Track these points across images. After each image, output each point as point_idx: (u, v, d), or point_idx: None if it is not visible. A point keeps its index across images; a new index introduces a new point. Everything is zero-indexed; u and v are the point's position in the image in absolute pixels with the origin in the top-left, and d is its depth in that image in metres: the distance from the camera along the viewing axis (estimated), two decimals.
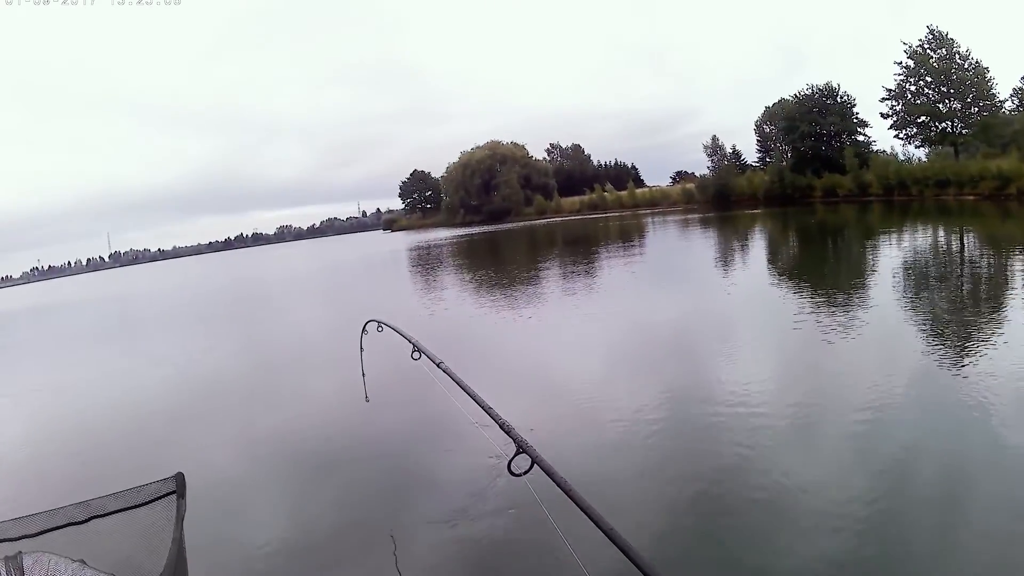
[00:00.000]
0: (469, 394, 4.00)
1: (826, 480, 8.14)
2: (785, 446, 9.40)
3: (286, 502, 9.73)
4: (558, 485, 2.83)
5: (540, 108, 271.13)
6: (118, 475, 10.98)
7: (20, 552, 3.36)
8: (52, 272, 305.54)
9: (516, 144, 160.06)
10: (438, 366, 4.79)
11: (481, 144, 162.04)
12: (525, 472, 2.99)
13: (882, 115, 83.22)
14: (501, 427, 3.31)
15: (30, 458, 13.52)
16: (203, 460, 11.64)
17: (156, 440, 13.67)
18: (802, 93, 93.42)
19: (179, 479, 3.64)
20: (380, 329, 7.23)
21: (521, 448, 3.11)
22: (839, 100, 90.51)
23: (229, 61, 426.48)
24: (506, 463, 3.13)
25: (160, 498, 3.60)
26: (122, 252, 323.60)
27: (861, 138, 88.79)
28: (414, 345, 5.56)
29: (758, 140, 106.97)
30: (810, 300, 19.58)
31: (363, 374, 9.18)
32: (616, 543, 2.48)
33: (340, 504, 9.45)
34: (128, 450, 13.27)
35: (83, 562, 3.44)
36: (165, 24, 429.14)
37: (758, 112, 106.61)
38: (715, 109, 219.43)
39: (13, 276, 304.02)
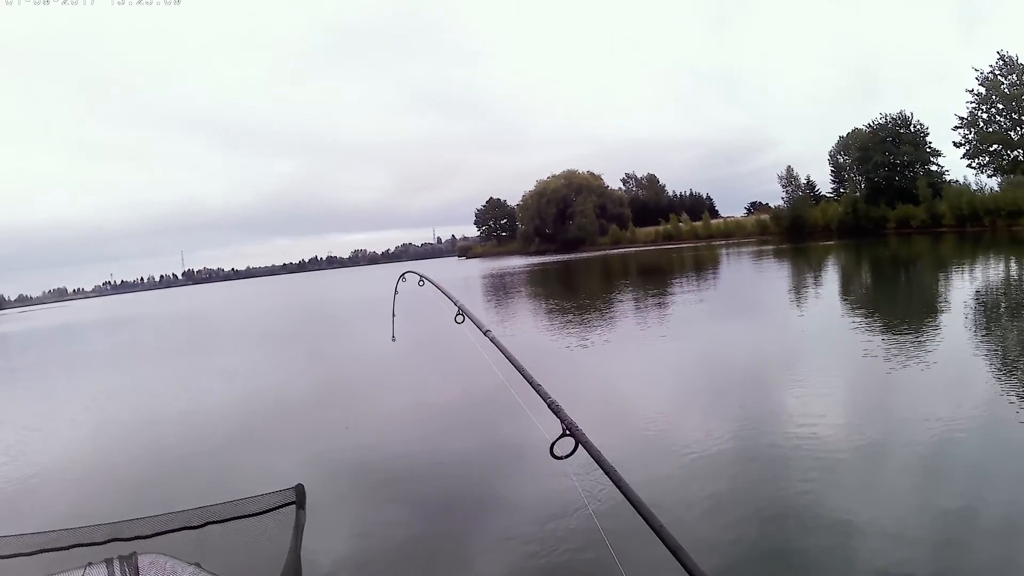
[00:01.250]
0: (516, 367, 3.91)
1: (889, 518, 7.95)
2: (850, 481, 9.25)
3: (377, 510, 9.99)
4: (604, 470, 2.74)
5: (616, 137, 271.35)
6: (223, 482, 11.68)
7: (135, 552, 3.47)
8: (124, 287, 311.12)
9: (592, 173, 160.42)
10: (485, 334, 4.65)
11: (557, 173, 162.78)
12: (568, 455, 2.92)
13: (955, 144, 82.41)
14: (549, 406, 3.19)
15: (137, 463, 13.91)
16: (301, 471, 11.63)
17: (259, 450, 14.08)
18: (875, 122, 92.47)
19: (299, 490, 3.71)
20: (421, 283, 6.94)
21: (568, 430, 2.98)
22: (912, 129, 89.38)
23: (311, 85, 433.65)
24: (549, 446, 2.99)
25: (278, 508, 3.69)
26: (195, 270, 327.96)
27: (934, 168, 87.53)
28: (458, 308, 5.24)
29: (832, 170, 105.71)
30: (881, 333, 19.35)
31: (392, 314, 9.24)
32: (665, 542, 2.43)
33: (410, 513, 9.67)
34: (235, 459, 13.65)
35: (198, 565, 3.55)
36: (249, 47, 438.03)
37: (832, 142, 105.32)
38: (790, 139, 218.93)
39: (85, 289, 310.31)
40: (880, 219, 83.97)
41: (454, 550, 8.54)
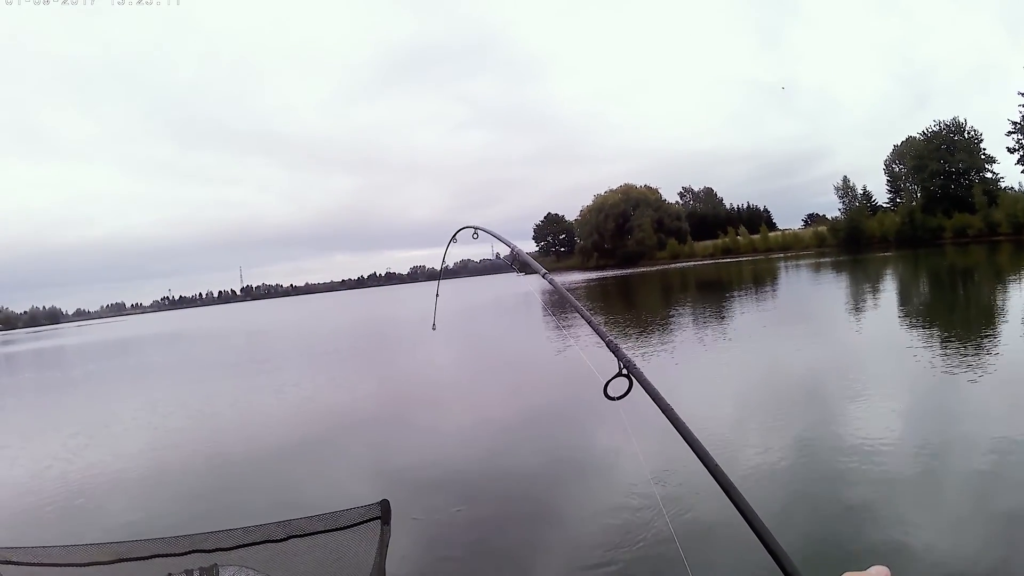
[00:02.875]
0: (578, 311, 3.86)
1: (946, 535, 7.85)
2: (907, 498, 9.05)
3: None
4: (660, 408, 2.68)
5: (672, 151, 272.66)
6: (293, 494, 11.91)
7: (216, 564, 3.43)
8: (182, 302, 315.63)
9: (649, 187, 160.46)
10: (543, 276, 4.74)
11: (614, 187, 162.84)
12: (622, 396, 2.85)
13: (1008, 149, 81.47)
14: (608, 345, 3.08)
15: (212, 477, 14.08)
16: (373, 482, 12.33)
17: (331, 463, 14.14)
18: (930, 130, 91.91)
19: (384, 506, 3.59)
20: (476, 235, 6.37)
21: (625, 368, 2.89)
22: (966, 136, 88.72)
23: (375, 104, 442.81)
24: (603, 386, 2.87)
25: (363, 523, 3.58)
26: (254, 286, 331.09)
27: (989, 175, 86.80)
28: (513, 250, 5.20)
29: (888, 180, 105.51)
30: (940, 346, 19.03)
31: (436, 295, 8.19)
32: (720, 482, 2.43)
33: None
34: (306, 473, 13.71)
35: None
36: (317, 69, 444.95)
37: (887, 151, 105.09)
38: (845, 149, 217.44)
39: (144, 304, 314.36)
40: (937, 229, 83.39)
41: (525, 554, 8.63)
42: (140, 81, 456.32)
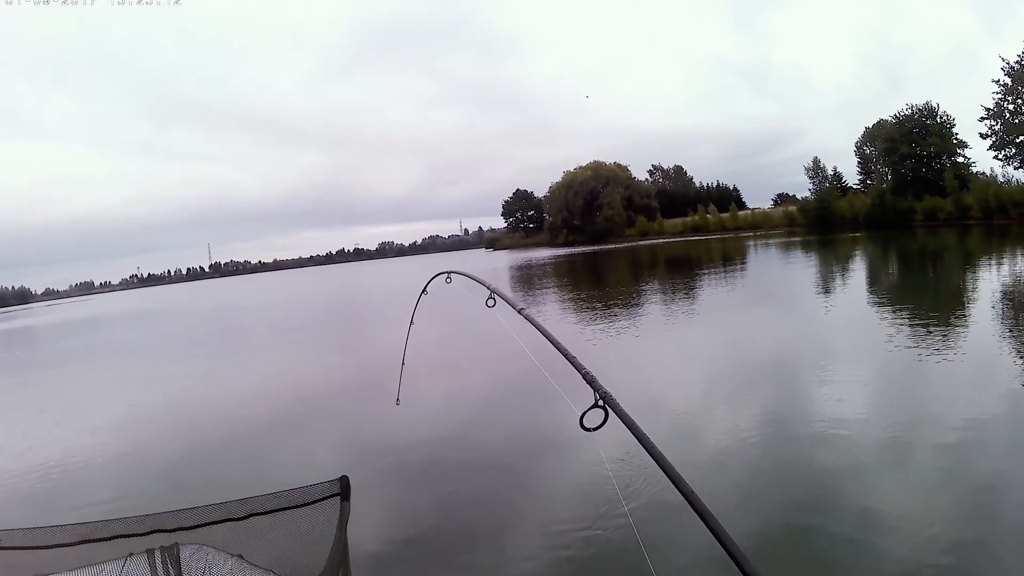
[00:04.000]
0: (551, 340, 3.95)
1: (914, 506, 8.09)
2: (876, 470, 9.30)
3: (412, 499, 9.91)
4: (637, 438, 2.72)
5: (643, 129, 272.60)
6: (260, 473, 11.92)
7: (177, 544, 3.47)
8: (151, 280, 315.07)
9: (619, 165, 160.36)
10: (519, 312, 4.61)
11: (584, 164, 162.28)
12: (598, 427, 2.88)
13: (981, 135, 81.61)
14: (584, 376, 3.16)
15: (178, 455, 14.02)
16: (339, 460, 12.34)
17: (298, 440, 14.21)
18: (902, 114, 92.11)
19: (344, 482, 3.68)
20: (449, 280, 6.75)
21: (601, 400, 2.93)
22: (939, 120, 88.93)
23: (348, 81, 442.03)
24: (579, 418, 2.92)
25: (323, 500, 3.67)
26: (222, 263, 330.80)
27: (961, 159, 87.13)
28: (490, 291, 5.15)
29: (859, 162, 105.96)
30: (908, 325, 19.27)
31: (411, 322, 9.15)
32: (695, 507, 2.41)
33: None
34: (273, 450, 13.79)
35: (241, 557, 3.58)
36: (290, 47, 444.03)
37: (859, 133, 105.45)
38: (816, 130, 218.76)
39: (112, 282, 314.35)
40: (907, 211, 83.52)
41: (489, 538, 8.69)
42: (119, 61, 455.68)
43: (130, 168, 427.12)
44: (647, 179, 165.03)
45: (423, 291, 8.06)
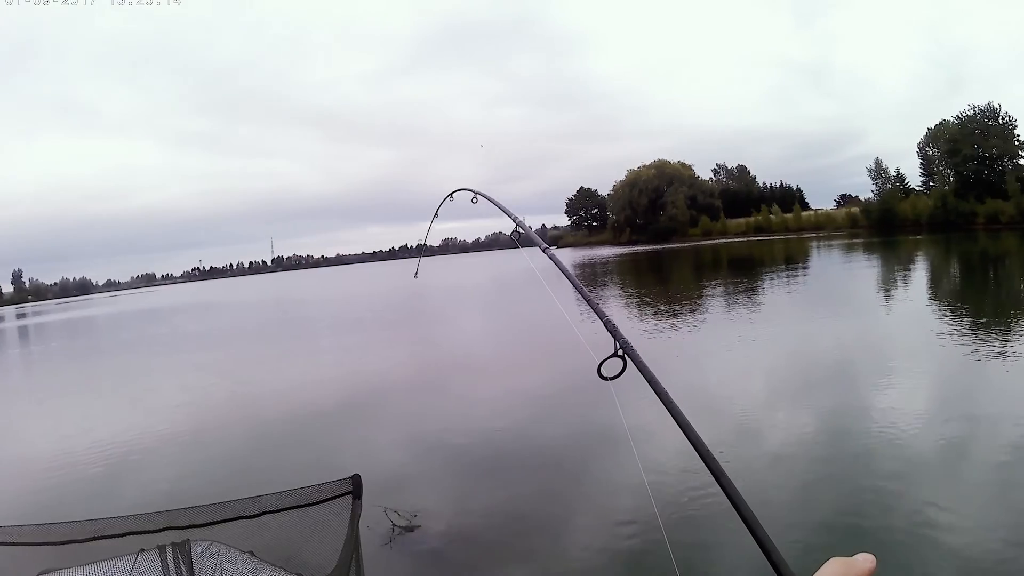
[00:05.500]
0: (575, 285, 3.81)
1: (968, 515, 7.87)
2: (933, 477, 9.15)
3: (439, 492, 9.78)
4: (655, 390, 2.58)
5: (706, 128, 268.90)
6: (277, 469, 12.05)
7: (188, 540, 3.50)
8: (213, 273, 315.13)
9: (683, 164, 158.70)
10: (543, 251, 4.53)
11: (648, 163, 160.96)
12: (616, 376, 2.77)
13: None
14: (605, 324, 3.05)
15: (197, 451, 14.23)
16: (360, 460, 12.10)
17: (322, 438, 14.29)
18: (964, 114, 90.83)
19: (356, 480, 3.66)
20: (475, 200, 6.03)
21: (620, 349, 2.84)
22: (1000, 121, 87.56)
23: (416, 79, 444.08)
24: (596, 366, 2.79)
25: (334, 498, 3.66)
26: (284, 256, 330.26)
27: (1023, 161, 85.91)
28: (516, 224, 4.92)
29: (921, 163, 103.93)
30: (969, 330, 19.03)
31: (425, 244, 8.89)
32: (711, 468, 2.27)
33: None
34: (296, 446, 13.85)
35: (252, 554, 3.58)
36: (360, 45, 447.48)
37: (921, 133, 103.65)
38: (879, 130, 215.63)
39: (174, 275, 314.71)
40: (969, 214, 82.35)
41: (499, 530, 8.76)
42: (188, 57, 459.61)
43: (194, 162, 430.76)
44: (711, 178, 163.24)
45: (440, 207, 7.35)
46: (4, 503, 11.82)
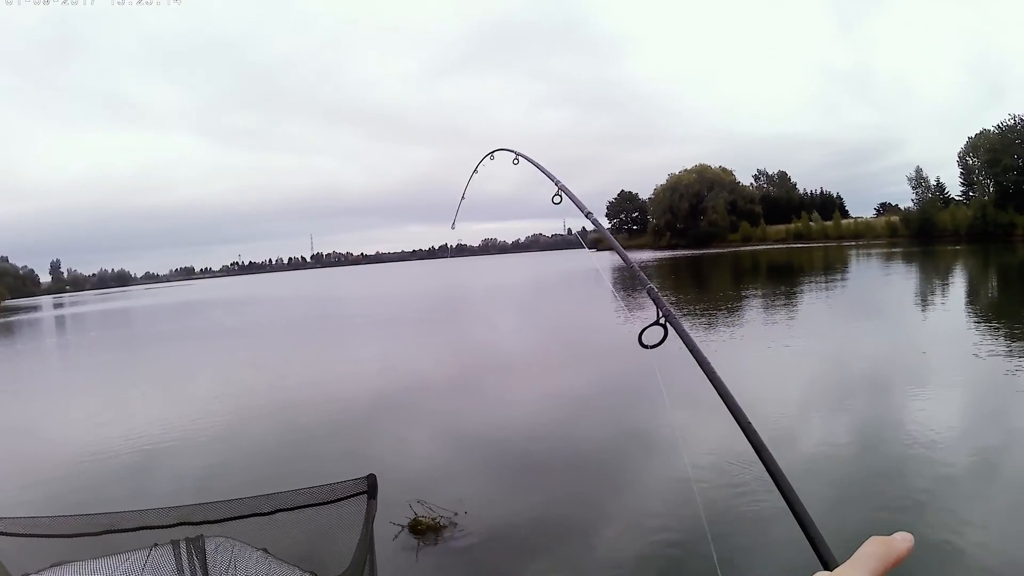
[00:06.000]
0: (619, 252, 3.96)
1: (999, 533, 7.76)
2: (963, 494, 8.93)
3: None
4: (696, 359, 2.68)
5: (746, 133, 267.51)
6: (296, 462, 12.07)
7: (202, 536, 3.52)
8: (252, 268, 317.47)
9: (724, 169, 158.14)
10: (587, 216, 4.47)
11: (689, 167, 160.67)
12: (656, 345, 2.85)
13: None
14: (648, 292, 3.11)
15: (227, 444, 14.29)
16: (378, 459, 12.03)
17: (351, 435, 14.33)
18: (1004, 124, 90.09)
19: (371, 480, 3.66)
20: (516, 162, 6.04)
21: (663, 317, 2.90)
22: None
23: (458, 80, 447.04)
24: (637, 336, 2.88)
25: (349, 497, 3.65)
26: (324, 253, 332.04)
27: None
28: (557, 185, 4.85)
29: (961, 172, 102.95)
30: (1006, 344, 18.79)
31: (462, 198, 8.37)
32: (750, 439, 2.37)
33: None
34: (325, 442, 13.86)
35: (265, 551, 3.59)
36: (403, 46, 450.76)
37: (961, 143, 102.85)
38: (919, 139, 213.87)
39: (213, 268, 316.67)
40: (1008, 225, 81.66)
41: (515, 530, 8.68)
42: (233, 55, 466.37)
43: (236, 158, 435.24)
44: (751, 184, 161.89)
45: (479, 164, 7.23)
46: (24, 492, 11.91)
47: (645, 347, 2.90)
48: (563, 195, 4.74)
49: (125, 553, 3.44)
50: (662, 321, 2.91)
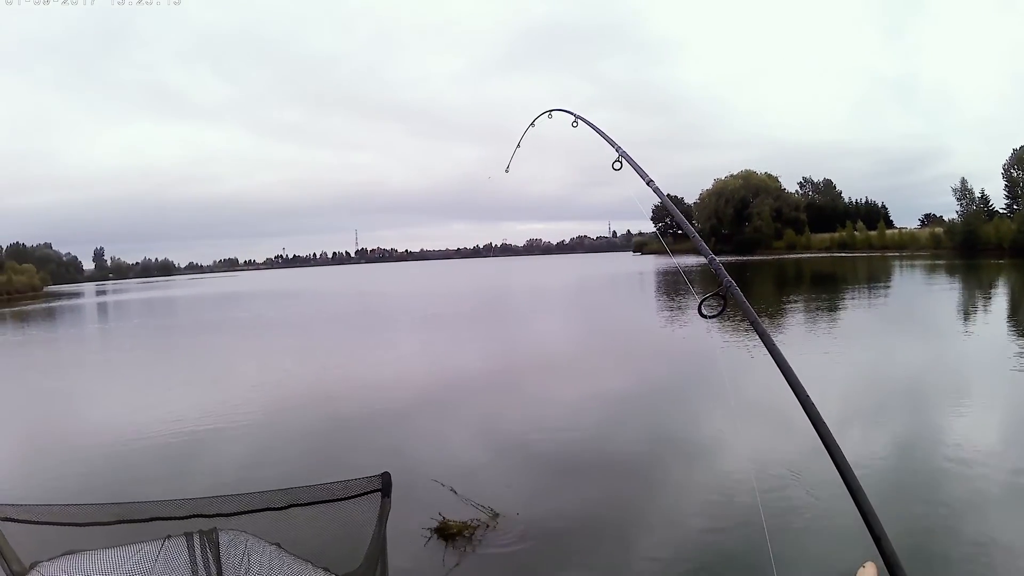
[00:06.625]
0: (677, 219, 4.14)
1: None
2: (997, 511, 8.77)
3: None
4: (755, 329, 2.79)
5: (792, 140, 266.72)
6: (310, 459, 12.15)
7: (216, 528, 3.53)
8: (296, 261, 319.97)
9: (770, 175, 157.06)
10: (648, 184, 4.56)
11: (735, 173, 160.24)
12: (715, 316, 3.01)
13: None
14: (709, 263, 3.21)
15: (248, 438, 14.22)
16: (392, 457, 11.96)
17: (375, 432, 14.31)
18: None
19: (385, 478, 3.63)
20: (575, 125, 6.01)
21: (723, 290, 2.95)
22: None
23: (505, 79, 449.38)
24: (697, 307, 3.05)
25: (364, 495, 3.63)
26: (368, 249, 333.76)
27: None
28: (617, 151, 4.82)
29: (1006, 185, 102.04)
30: None
31: (517, 146, 8.49)
32: (808, 412, 2.43)
33: None
34: (351, 437, 14.01)
35: (279, 546, 3.60)
36: (452, 44, 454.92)
37: (1006, 155, 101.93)
38: (965, 150, 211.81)
39: (256, 260, 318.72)
40: None
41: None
42: (279, 50, 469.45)
43: (282, 152, 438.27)
44: (796, 191, 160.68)
45: (536, 119, 7.67)
46: (36, 479, 12.05)
47: (704, 317, 3.10)
48: (623, 161, 4.86)
49: (138, 544, 3.46)
50: (721, 292, 2.99)
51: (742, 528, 8.21)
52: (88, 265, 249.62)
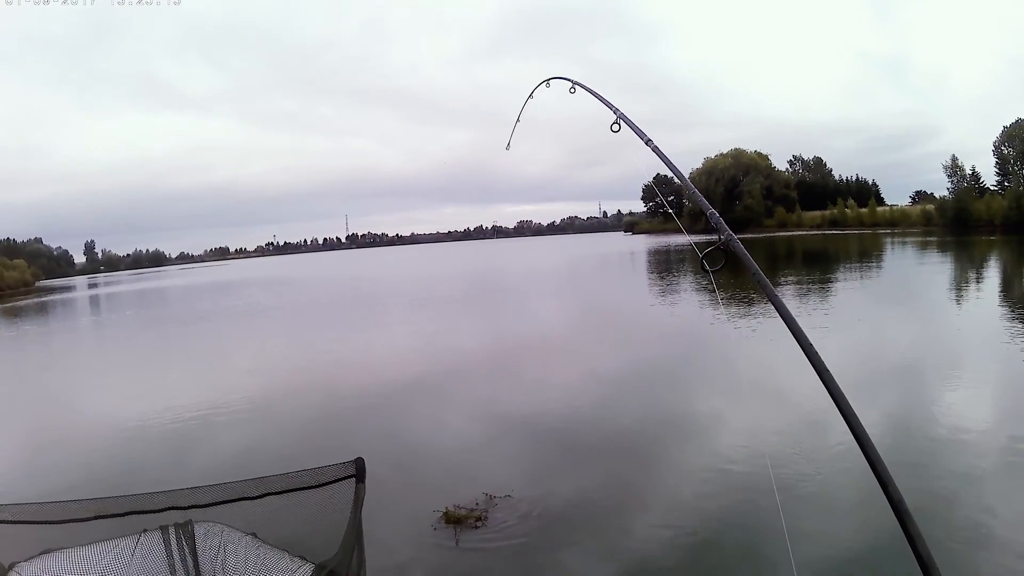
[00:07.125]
0: (677, 175, 4.21)
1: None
2: (993, 483, 8.85)
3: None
4: (758, 282, 2.88)
5: (783, 118, 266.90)
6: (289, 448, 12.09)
7: (191, 520, 3.56)
8: (287, 248, 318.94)
9: (760, 153, 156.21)
10: (647, 144, 4.52)
11: (725, 151, 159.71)
12: (718, 268, 3.07)
13: None
14: (709, 217, 3.28)
15: (241, 425, 14.20)
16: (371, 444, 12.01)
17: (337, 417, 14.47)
18: None
19: (359, 464, 3.65)
20: (573, 91, 6.08)
21: (724, 243, 3.09)
22: None
23: (496, 63, 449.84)
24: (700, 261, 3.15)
25: (337, 481, 3.65)
26: (359, 234, 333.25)
27: None
28: (615, 112, 4.83)
29: (997, 162, 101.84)
30: None
31: (517, 120, 8.42)
32: (822, 378, 2.56)
33: None
34: (309, 428, 13.83)
35: (255, 536, 3.65)
36: (443, 29, 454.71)
37: (997, 132, 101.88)
38: (955, 127, 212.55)
39: (247, 248, 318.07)
40: None
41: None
42: (270, 39, 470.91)
43: (273, 140, 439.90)
44: (787, 169, 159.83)
45: (535, 90, 7.66)
46: (27, 473, 12.06)
47: (707, 270, 3.18)
48: (622, 122, 4.86)
49: (115, 539, 3.50)
50: (722, 246, 3.16)
51: (752, 502, 8.29)
52: (79, 258, 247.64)
